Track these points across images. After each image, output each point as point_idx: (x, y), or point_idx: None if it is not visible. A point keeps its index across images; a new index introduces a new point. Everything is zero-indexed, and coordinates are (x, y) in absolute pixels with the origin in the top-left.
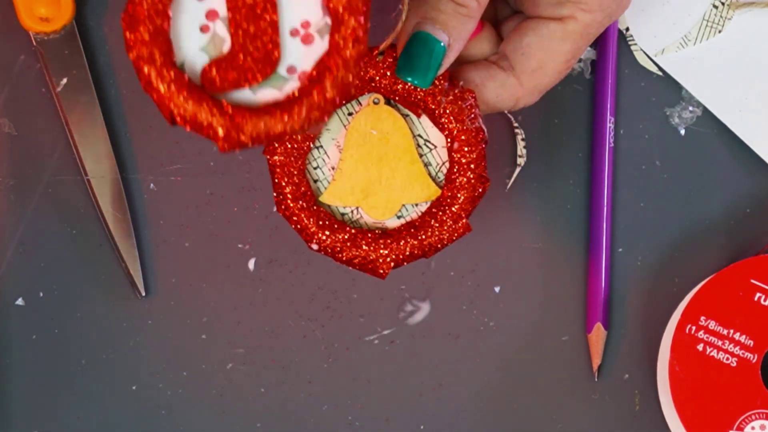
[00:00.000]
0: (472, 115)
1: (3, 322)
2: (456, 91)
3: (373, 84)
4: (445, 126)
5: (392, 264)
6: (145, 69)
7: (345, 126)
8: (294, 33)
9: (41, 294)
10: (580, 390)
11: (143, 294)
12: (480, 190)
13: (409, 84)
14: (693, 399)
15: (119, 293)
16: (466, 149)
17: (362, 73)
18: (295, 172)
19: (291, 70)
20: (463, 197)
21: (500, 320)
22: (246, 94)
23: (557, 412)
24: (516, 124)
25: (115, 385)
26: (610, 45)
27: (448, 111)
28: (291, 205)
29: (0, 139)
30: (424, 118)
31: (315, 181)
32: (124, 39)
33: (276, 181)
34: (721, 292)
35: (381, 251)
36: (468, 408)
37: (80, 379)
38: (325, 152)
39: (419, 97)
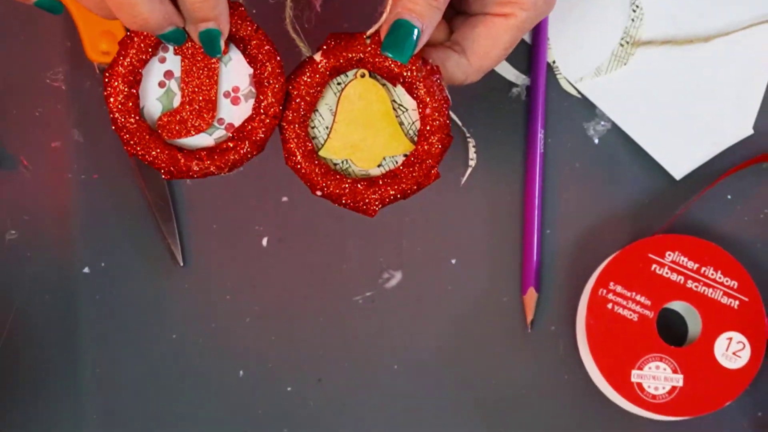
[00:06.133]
0: (441, 87)
1: (74, 285)
2: (428, 67)
3: (361, 62)
4: (420, 96)
5: (380, 205)
6: (117, 114)
7: (336, 95)
8: (226, 95)
9: (103, 264)
10: (517, 339)
11: (182, 264)
12: (446, 145)
13: (391, 60)
14: (604, 346)
15: (163, 264)
16: (436, 114)
17: (351, 55)
18: (301, 133)
19: (221, 121)
20: (434, 151)
21: (456, 285)
22: (188, 138)
23: (499, 356)
24: (468, 134)
25: (159, 333)
26: (540, 74)
27: (422, 84)
28: (299, 159)
29: (72, 144)
30: (399, 87)
31: (313, 139)
32: (104, 88)
33: (285, 138)
34: (626, 264)
35: (371, 195)
36: (431, 353)
37: (134, 329)
38: (321, 116)
39: (397, 71)
